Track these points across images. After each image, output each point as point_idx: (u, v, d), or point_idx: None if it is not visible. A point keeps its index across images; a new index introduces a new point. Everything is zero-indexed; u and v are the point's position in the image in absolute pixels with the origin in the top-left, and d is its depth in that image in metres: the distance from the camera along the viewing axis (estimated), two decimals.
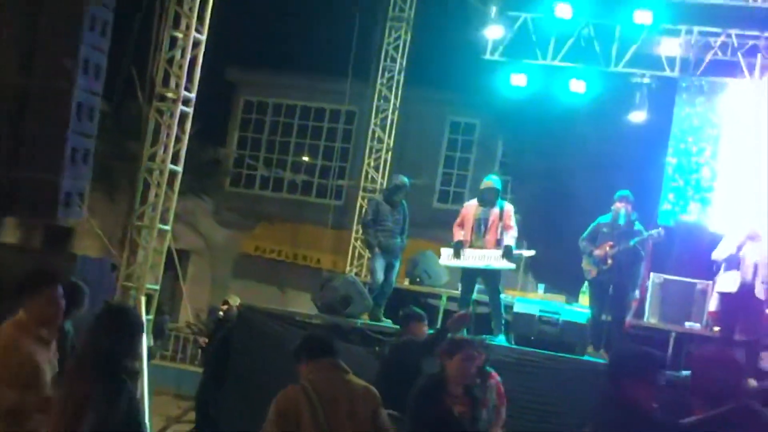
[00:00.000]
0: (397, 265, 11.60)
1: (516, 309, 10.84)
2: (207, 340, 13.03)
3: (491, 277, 11.02)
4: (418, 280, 13.21)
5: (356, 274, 13.93)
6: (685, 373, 10.62)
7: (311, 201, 19.99)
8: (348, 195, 17.83)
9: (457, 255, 10.97)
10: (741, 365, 4.06)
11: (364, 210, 13.71)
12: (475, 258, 10.91)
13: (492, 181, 11.21)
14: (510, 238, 10.84)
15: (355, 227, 15.18)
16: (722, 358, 4.11)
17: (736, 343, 10.55)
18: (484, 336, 10.44)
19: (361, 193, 15.39)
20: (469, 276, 11.12)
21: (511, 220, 10.96)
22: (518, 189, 16.96)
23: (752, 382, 10.06)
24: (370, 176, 15.45)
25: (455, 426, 5.07)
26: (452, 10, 15.14)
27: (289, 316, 11.18)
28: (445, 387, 5.20)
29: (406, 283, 13.25)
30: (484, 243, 10.90)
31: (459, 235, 11.04)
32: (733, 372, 3.98)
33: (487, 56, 14.06)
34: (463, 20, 14.56)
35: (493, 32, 13.66)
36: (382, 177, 15.22)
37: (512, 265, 11.07)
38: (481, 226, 10.95)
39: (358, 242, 15.05)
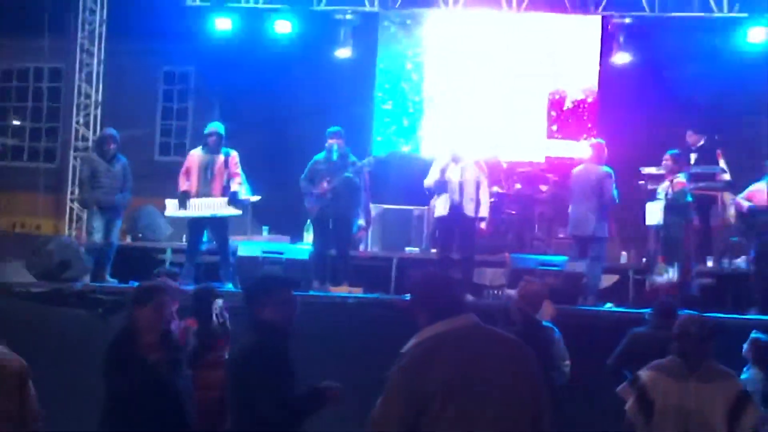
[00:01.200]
0: (119, 223, 11.31)
1: (240, 253, 10.86)
2: None
3: (219, 226, 10.98)
4: (140, 235, 12.94)
5: (76, 236, 13.46)
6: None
7: (23, 166, 18.99)
8: (61, 156, 17.06)
9: (183, 205, 10.87)
10: (457, 280, 4.21)
11: (78, 169, 13.26)
12: (201, 207, 10.83)
13: (215, 127, 11.13)
14: (236, 185, 10.83)
15: (70, 188, 14.61)
16: (439, 274, 4.24)
17: (454, 262, 11.04)
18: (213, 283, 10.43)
19: (72, 152, 14.79)
20: (196, 226, 11.02)
21: (237, 167, 10.94)
22: (238, 135, 16.84)
23: (469, 297, 10.64)
24: (80, 134, 14.85)
25: (150, 374, 5.00)
26: None
27: (5, 287, 10.65)
28: (137, 337, 5.10)
29: (129, 239, 12.95)
30: (210, 191, 10.84)
31: (184, 185, 10.93)
32: (451, 286, 4.08)
33: (189, 2, 13.81)
34: None
35: None
36: (94, 134, 14.67)
37: (238, 212, 11.06)
38: (207, 174, 10.86)
39: (75, 204, 14.51)
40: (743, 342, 8.10)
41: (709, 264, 12.10)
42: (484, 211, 10.87)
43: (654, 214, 10.55)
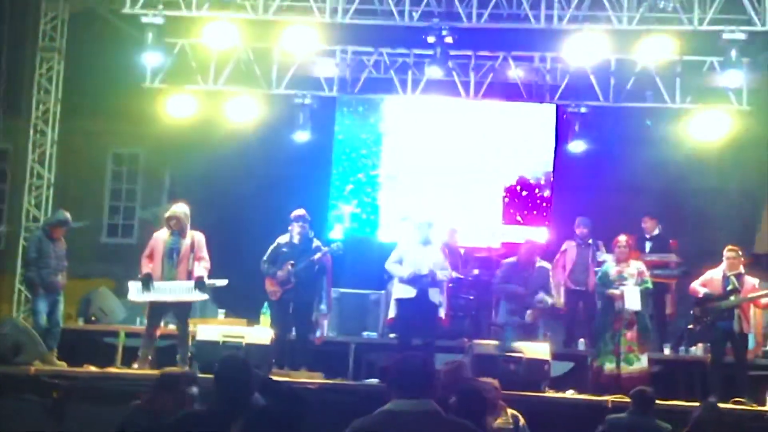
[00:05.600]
0: (62, 302, 11.06)
1: (199, 337, 10.62)
2: None
3: (182, 310, 10.76)
4: (93, 318, 12.65)
5: (24, 319, 13.10)
6: (370, 381, 10.97)
7: None
8: (8, 238, 16.70)
9: (146, 288, 10.56)
10: (431, 366, 4.28)
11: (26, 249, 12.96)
12: (166, 291, 10.57)
13: (178, 208, 10.94)
14: (202, 269, 10.61)
15: (19, 270, 14.24)
16: (415, 358, 4.37)
17: (413, 347, 10.94)
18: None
19: (23, 233, 14.48)
20: (158, 310, 10.76)
21: (203, 250, 10.73)
22: (191, 217, 16.75)
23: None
24: (31, 215, 14.58)
25: None
26: (107, 37, 14.69)
27: None
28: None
29: (81, 323, 12.67)
30: (176, 274, 10.60)
31: (147, 267, 10.64)
32: (418, 370, 4.19)
33: (148, 84, 13.76)
34: (119, 47, 14.16)
35: (152, 59, 13.32)
36: (44, 215, 14.40)
37: (205, 296, 10.86)
38: (173, 257, 10.64)
39: (24, 285, 14.16)
40: None
41: (666, 352, 12.15)
42: (443, 299, 10.93)
43: (634, 299, 10.53)
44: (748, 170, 14.28)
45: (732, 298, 10.41)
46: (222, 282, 10.82)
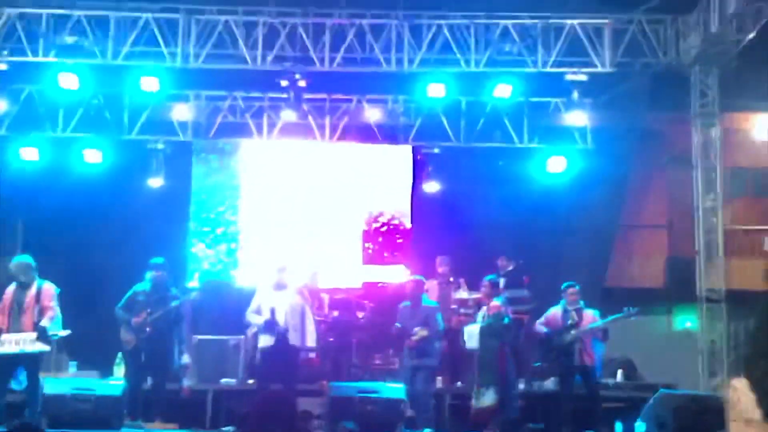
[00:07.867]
0: None
1: (46, 391, 10.30)
2: None
3: (29, 362, 10.43)
4: None
5: None
6: (227, 429, 10.82)
7: None
8: None
9: None
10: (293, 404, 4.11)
11: None
12: (11, 343, 10.29)
13: (18, 260, 10.69)
14: (46, 320, 10.34)
15: None
16: (271, 404, 4.20)
17: (273, 392, 10.85)
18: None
19: None
20: (5, 363, 10.44)
21: (51, 300, 10.45)
22: (43, 267, 16.23)
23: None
24: None
25: None
26: None
27: None
28: None
29: None
30: (21, 326, 10.31)
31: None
32: (273, 418, 4.05)
33: None
34: None
35: None
36: None
37: (46, 347, 10.53)
38: (14, 308, 10.38)
39: None
40: None
41: (521, 386, 12.35)
42: (311, 341, 10.90)
43: (473, 337, 10.76)
44: (595, 207, 14.75)
45: (572, 332, 10.72)
46: (64, 332, 10.55)
